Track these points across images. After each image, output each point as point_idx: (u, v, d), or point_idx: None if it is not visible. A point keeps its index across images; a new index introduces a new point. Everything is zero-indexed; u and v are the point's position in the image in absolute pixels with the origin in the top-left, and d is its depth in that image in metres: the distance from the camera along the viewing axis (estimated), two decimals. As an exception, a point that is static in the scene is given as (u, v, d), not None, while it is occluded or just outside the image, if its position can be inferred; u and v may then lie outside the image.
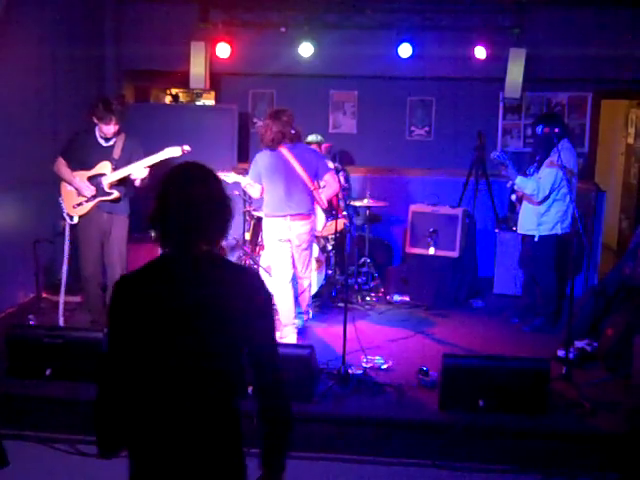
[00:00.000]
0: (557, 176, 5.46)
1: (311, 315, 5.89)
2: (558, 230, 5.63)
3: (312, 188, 5.29)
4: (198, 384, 2.08)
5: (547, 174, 5.53)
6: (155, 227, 2.14)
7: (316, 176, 5.33)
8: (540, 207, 5.63)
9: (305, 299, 5.67)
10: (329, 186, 5.34)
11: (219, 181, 2.19)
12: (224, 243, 7.07)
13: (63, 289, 5.49)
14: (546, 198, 5.56)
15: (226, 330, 2.09)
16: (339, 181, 5.41)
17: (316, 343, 5.02)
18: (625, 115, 9.21)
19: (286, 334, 5.31)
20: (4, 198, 5.91)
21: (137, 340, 2.08)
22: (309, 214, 5.37)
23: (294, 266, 5.44)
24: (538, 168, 5.68)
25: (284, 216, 5.26)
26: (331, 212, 6.47)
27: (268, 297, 2.22)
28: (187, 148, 5.16)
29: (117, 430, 2.16)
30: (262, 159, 5.32)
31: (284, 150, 5.25)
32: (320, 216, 5.58)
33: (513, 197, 6.04)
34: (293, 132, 5.27)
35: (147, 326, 2.07)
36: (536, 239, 5.69)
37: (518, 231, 5.97)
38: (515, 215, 6.18)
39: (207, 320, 2.08)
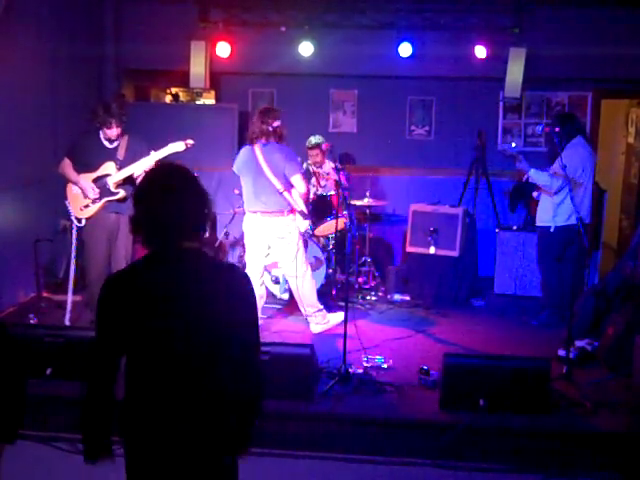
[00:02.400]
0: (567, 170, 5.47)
1: (326, 320, 5.68)
2: (573, 220, 5.64)
3: (280, 189, 5.26)
4: (189, 372, 2.16)
5: (556, 168, 5.60)
6: (139, 228, 2.23)
7: (284, 177, 5.29)
8: (555, 198, 5.68)
9: (302, 302, 5.63)
10: (296, 189, 5.33)
11: (196, 179, 2.27)
12: (224, 240, 7.07)
13: (71, 289, 5.49)
14: (560, 189, 5.58)
15: (210, 320, 2.17)
16: (308, 185, 5.43)
17: (316, 342, 5.02)
18: (625, 114, 9.20)
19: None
20: (4, 198, 5.90)
21: (126, 333, 2.16)
22: (281, 211, 5.35)
23: (278, 265, 5.54)
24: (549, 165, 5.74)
25: (254, 212, 5.39)
26: (331, 212, 6.47)
27: (251, 292, 2.30)
28: (190, 142, 5.18)
29: (105, 431, 2.22)
30: (241, 154, 5.49)
31: (257, 148, 5.30)
32: (298, 218, 5.52)
33: (535, 194, 6.03)
34: (270, 129, 5.25)
35: (135, 318, 2.15)
36: (552, 230, 5.73)
37: (536, 224, 6.01)
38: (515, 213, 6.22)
39: (192, 309, 2.15)
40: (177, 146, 5.15)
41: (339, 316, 5.49)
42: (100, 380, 2.23)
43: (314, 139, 6.81)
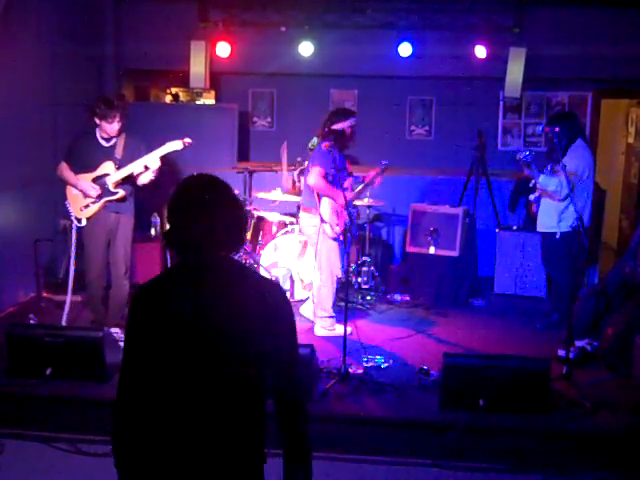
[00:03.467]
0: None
1: (332, 327, 5.64)
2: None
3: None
4: (217, 396, 2.05)
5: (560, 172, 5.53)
6: (172, 242, 2.14)
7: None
8: (560, 204, 5.60)
9: (316, 304, 5.65)
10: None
11: (229, 190, 2.19)
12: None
13: (70, 289, 5.49)
14: (567, 195, 5.54)
15: (246, 342, 2.07)
16: (320, 180, 5.33)
17: (316, 342, 5.02)
18: (625, 114, 9.21)
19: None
20: (4, 198, 5.90)
21: (155, 352, 2.06)
22: (309, 208, 5.49)
23: None
24: (550, 165, 5.65)
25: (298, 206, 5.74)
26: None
27: (291, 311, 2.19)
28: (188, 140, 5.15)
29: (135, 440, 2.10)
30: None
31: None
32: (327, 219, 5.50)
33: (532, 197, 5.92)
34: (326, 130, 5.40)
35: (166, 339, 2.05)
36: (557, 236, 5.67)
37: (538, 229, 5.88)
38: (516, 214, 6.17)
39: (228, 332, 2.06)
40: (175, 145, 5.13)
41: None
42: (130, 393, 2.09)
43: (317, 141, 6.81)
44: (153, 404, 2.06)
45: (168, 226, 2.16)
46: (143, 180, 5.21)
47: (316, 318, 5.64)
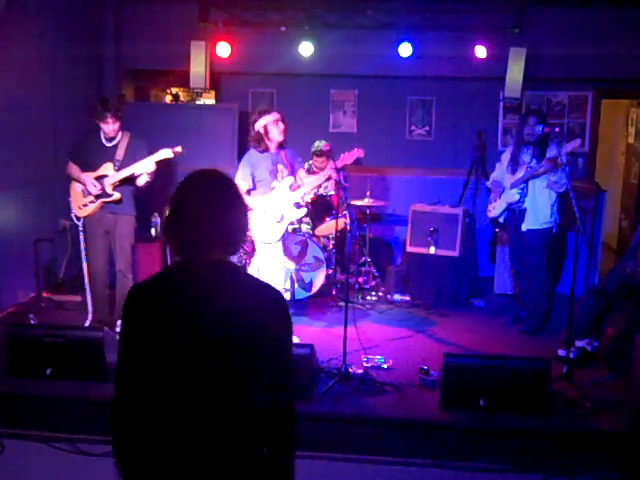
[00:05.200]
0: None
1: None
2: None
3: None
4: (213, 397, 2.02)
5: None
6: (170, 232, 2.09)
7: None
8: (551, 199, 5.56)
9: None
10: None
11: (233, 188, 2.13)
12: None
13: (87, 286, 5.48)
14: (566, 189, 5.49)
15: (241, 345, 2.02)
16: None
17: (316, 342, 5.00)
18: (625, 114, 9.22)
19: None
20: (4, 198, 5.91)
21: (149, 351, 2.02)
22: None
23: None
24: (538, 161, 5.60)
25: None
26: (331, 212, 6.47)
27: (287, 314, 2.13)
28: (179, 150, 5.15)
29: (134, 437, 2.07)
30: None
31: None
32: None
33: (515, 191, 5.69)
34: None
35: (159, 338, 2.01)
36: (554, 230, 5.65)
37: (531, 227, 5.66)
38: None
39: (221, 335, 2.01)
40: (166, 153, 5.14)
41: None
42: (126, 390, 2.06)
43: (320, 144, 6.84)
44: (149, 402, 2.04)
45: (167, 221, 2.11)
46: (140, 182, 5.24)
47: None
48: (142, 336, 2.03)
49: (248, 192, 5.23)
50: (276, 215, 5.22)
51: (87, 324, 5.44)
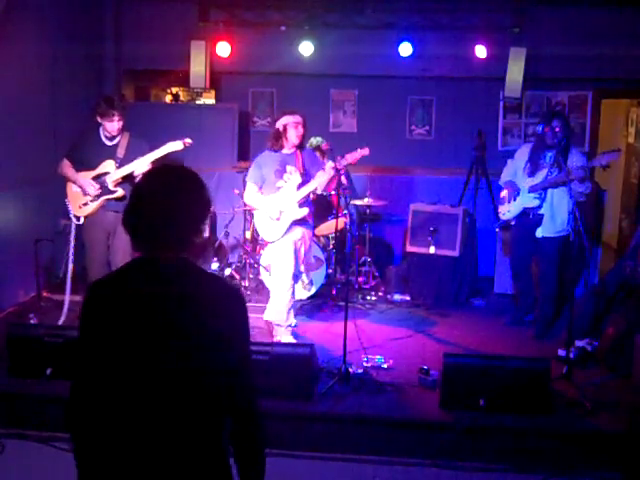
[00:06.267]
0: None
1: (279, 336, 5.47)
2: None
3: None
4: (169, 399, 1.98)
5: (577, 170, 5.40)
6: (127, 228, 2.07)
7: None
8: (569, 205, 5.43)
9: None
10: None
11: (195, 183, 2.09)
12: (224, 242, 7.07)
13: (69, 288, 5.50)
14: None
15: (196, 344, 1.99)
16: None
17: (317, 342, 5.02)
18: (625, 114, 9.20)
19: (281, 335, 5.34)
20: (4, 198, 5.90)
21: (105, 350, 2.00)
22: None
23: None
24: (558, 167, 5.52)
25: None
26: (331, 212, 6.47)
27: (241, 310, 2.09)
28: (189, 141, 5.18)
29: (90, 433, 2.04)
30: None
31: None
32: None
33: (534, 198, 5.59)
34: None
35: (116, 337, 1.99)
36: (572, 238, 5.52)
37: (547, 234, 5.56)
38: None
39: (177, 334, 1.98)
40: (175, 145, 5.15)
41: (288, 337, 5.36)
42: (82, 385, 2.04)
43: (314, 141, 6.81)
44: (106, 402, 2.01)
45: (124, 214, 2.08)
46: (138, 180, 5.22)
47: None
48: (99, 333, 2.01)
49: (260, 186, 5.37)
50: (275, 213, 5.25)
51: (60, 322, 5.41)
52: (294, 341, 5.30)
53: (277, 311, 5.30)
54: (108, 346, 2.00)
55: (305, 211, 5.34)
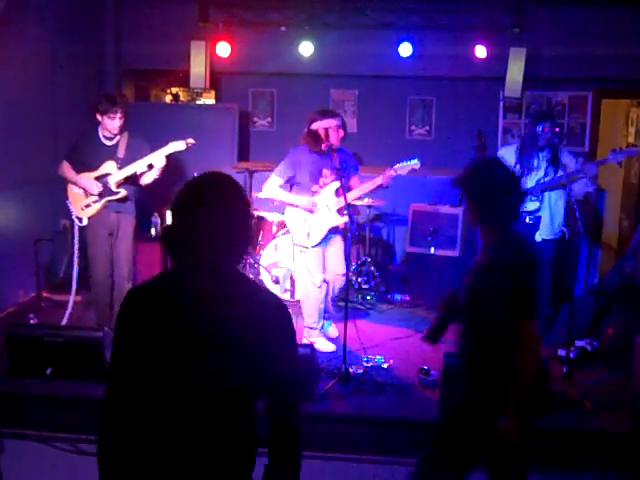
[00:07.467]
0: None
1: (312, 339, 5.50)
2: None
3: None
4: (205, 410, 1.99)
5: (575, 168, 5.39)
6: (169, 238, 2.06)
7: None
8: (564, 205, 5.43)
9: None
10: None
11: (237, 192, 2.07)
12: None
13: (74, 290, 5.49)
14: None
15: (238, 353, 1.98)
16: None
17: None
18: (625, 114, 9.20)
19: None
20: (4, 198, 5.90)
21: (142, 356, 2.00)
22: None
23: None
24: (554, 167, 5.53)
25: None
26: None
27: (288, 323, 2.10)
28: (191, 141, 5.17)
29: (122, 439, 2.06)
30: None
31: None
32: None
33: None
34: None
35: (153, 346, 1.99)
36: (567, 238, 5.55)
37: (546, 237, 5.51)
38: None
39: (218, 342, 1.98)
40: (178, 145, 5.14)
41: (328, 346, 5.34)
42: (117, 393, 2.04)
43: None
44: (141, 406, 2.01)
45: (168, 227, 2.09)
46: (147, 180, 5.21)
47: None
48: (136, 339, 2.01)
49: (291, 187, 5.31)
50: (316, 219, 5.21)
51: (64, 322, 5.41)
52: (329, 344, 5.31)
53: (308, 315, 5.34)
54: (148, 350, 1.99)
55: (345, 219, 5.18)
